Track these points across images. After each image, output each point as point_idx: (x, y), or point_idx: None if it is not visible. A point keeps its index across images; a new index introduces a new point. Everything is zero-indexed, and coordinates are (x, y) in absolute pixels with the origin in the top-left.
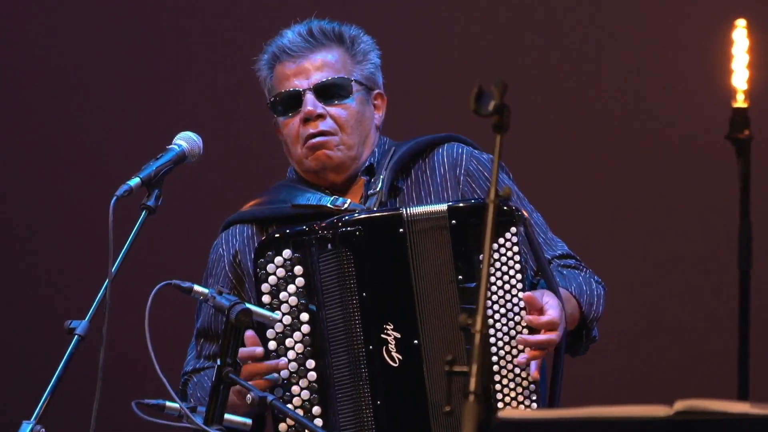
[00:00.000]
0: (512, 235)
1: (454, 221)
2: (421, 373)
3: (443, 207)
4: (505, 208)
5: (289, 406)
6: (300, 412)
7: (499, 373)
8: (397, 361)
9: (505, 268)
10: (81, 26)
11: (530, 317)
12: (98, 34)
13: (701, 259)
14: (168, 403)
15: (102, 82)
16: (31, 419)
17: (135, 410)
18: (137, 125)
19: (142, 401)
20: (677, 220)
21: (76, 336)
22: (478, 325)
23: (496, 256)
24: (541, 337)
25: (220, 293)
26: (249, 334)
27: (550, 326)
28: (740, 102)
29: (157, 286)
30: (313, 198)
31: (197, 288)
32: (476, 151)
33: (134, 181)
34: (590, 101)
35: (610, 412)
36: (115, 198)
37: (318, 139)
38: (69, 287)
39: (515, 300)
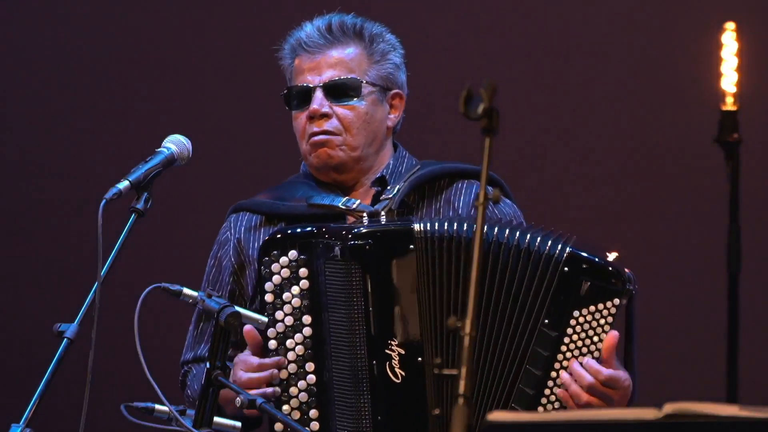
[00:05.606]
0: (613, 305)
1: (566, 268)
2: (424, 392)
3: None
4: (613, 269)
5: (286, 407)
6: (297, 414)
7: None
8: (400, 377)
9: (591, 332)
10: (68, 28)
11: (592, 384)
12: (86, 35)
13: (690, 261)
14: (157, 406)
15: (91, 85)
16: (20, 423)
17: (124, 413)
18: (126, 128)
19: (131, 404)
20: (666, 222)
21: (65, 339)
22: (468, 328)
23: (588, 318)
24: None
25: (209, 296)
26: (247, 328)
27: (595, 401)
28: (729, 105)
29: (146, 290)
30: (327, 198)
31: (186, 291)
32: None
33: (123, 184)
34: (579, 104)
35: (600, 415)
36: (104, 201)
37: (320, 137)
38: (58, 290)
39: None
